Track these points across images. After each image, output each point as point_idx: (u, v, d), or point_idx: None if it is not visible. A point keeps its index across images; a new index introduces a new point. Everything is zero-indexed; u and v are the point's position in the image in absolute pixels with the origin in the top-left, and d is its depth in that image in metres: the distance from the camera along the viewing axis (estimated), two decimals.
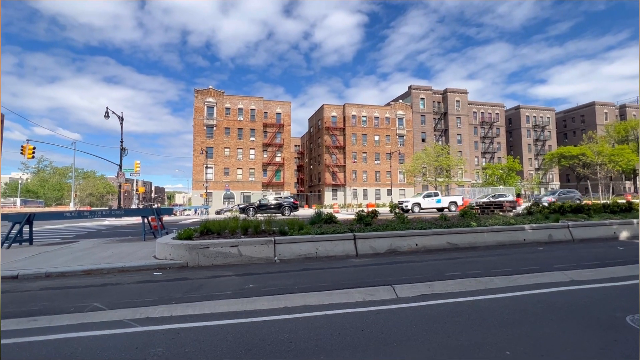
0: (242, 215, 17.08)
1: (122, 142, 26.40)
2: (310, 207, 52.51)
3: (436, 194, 27.14)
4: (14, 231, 8.96)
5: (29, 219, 9.14)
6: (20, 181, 62.10)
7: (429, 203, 26.11)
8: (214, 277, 5.49)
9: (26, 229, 9.37)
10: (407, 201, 26.61)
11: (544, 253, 7.15)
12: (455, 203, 26.21)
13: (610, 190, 55.90)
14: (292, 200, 26.60)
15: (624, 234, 8.98)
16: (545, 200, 26.76)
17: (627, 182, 69.73)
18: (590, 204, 11.73)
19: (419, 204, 25.97)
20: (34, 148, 24.55)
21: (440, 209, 25.57)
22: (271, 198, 26.68)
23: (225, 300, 4.17)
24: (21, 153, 24.25)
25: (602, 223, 9.19)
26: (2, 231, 11.71)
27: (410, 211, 24.86)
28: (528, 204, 16.62)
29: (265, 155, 55.47)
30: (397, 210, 10.12)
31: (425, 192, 27.91)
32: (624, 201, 13.10)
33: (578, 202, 27.86)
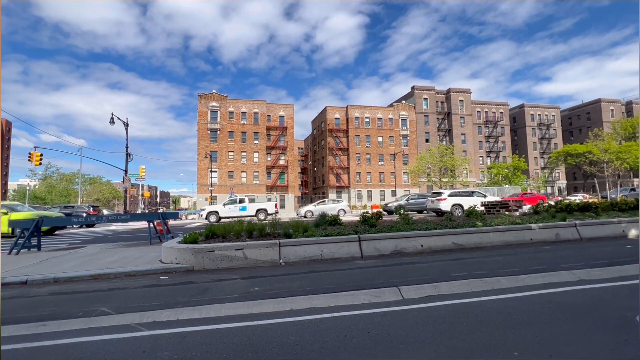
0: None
1: (127, 147, 26.68)
2: None
3: (242, 201, 23.97)
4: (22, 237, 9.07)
5: (37, 225, 9.24)
6: (28, 188, 62.90)
7: (230, 211, 22.84)
8: (219, 280, 5.51)
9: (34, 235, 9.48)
10: (203, 209, 24.01)
11: (551, 252, 7.07)
12: (265, 210, 22.91)
13: (618, 188, 55.15)
14: (86, 210, 23.62)
15: (633, 232, 8.85)
16: (392, 206, 24.59)
17: (635, 179, 68.74)
18: (597, 202, 11.57)
19: (215, 212, 22.86)
20: (41, 155, 24.87)
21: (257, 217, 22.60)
22: (57, 210, 22.21)
23: (231, 303, 4.18)
24: (29, 160, 24.58)
25: (610, 221, 9.07)
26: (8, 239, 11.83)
27: (208, 220, 22.46)
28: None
29: (269, 158, 55.62)
30: (401, 212, 10.07)
31: (230, 199, 24.80)
32: (632, 199, 12.93)
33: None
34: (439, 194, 20.45)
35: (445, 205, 18.90)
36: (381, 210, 28.83)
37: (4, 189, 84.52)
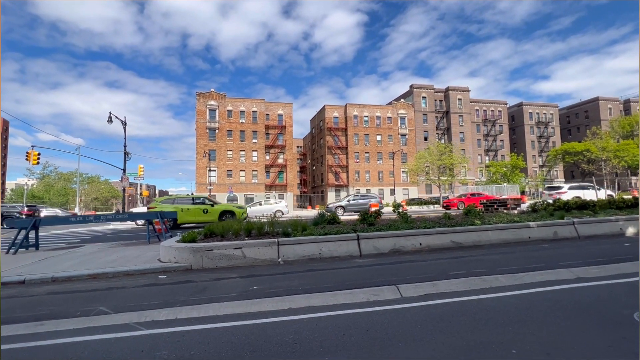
0: None
1: (125, 146, 26.59)
2: (313, 208, 52.53)
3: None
4: (20, 237, 9.04)
5: (35, 224, 9.21)
6: (25, 187, 62.57)
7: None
8: (218, 279, 5.51)
9: (32, 234, 9.44)
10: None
11: (549, 250, 7.09)
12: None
13: (616, 186, 55.36)
14: (18, 210, 23.33)
15: (630, 230, 8.88)
16: (332, 207, 24.84)
17: (633, 177, 69.01)
18: (595, 200, 11.61)
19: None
20: (39, 154, 24.79)
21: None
22: None
23: (230, 302, 4.18)
24: (26, 159, 24.49)
25: (607, 219, 9.10)
26: (8, 237, 11.79)
27: (136, 224, 19.88)
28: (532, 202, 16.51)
29: (267, 157, 55.57)
30: (400, 210, 10.07)
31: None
32: (630, 197, 12.99)
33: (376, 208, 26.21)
34: (559, 187, 24.17)
35: (566, 197, 20.86)
36: (324, 210, 28.36)
37: (2, 188, 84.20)
